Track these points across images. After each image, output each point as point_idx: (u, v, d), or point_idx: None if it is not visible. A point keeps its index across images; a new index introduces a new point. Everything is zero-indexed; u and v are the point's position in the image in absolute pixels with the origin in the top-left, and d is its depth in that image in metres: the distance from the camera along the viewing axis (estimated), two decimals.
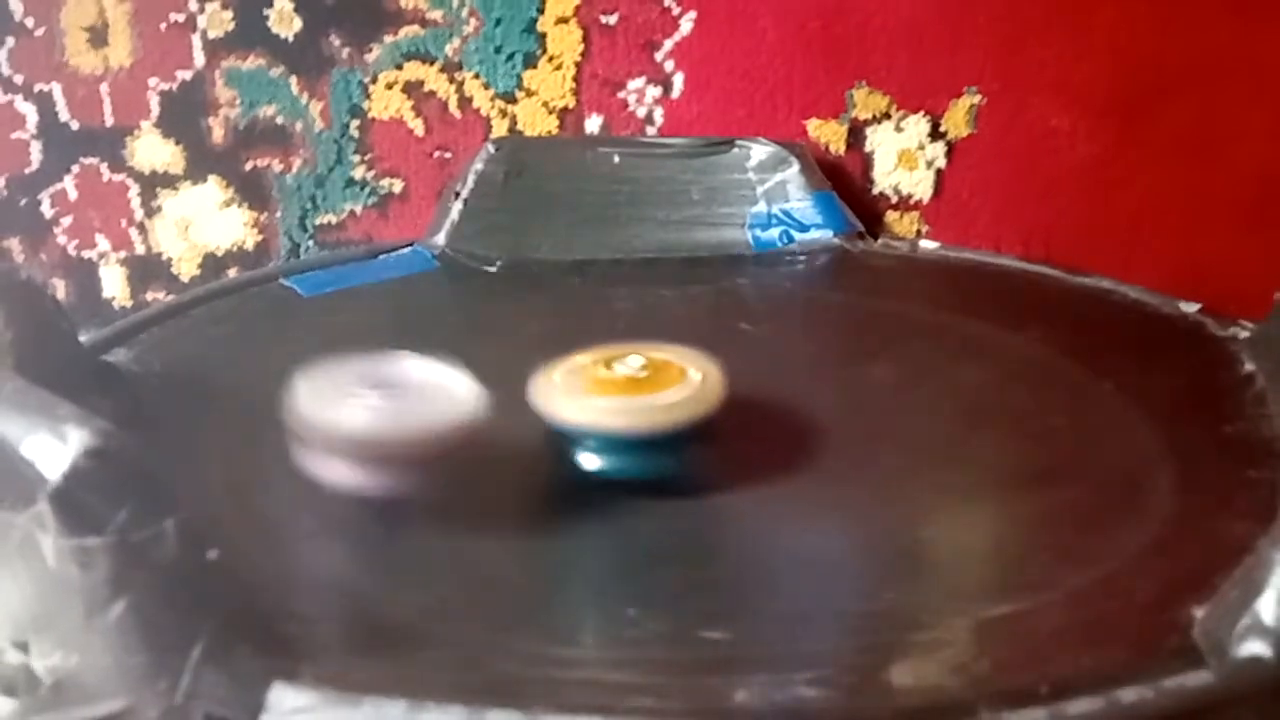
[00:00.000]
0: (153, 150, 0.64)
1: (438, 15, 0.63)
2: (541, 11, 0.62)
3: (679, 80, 0.63)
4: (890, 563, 0.39)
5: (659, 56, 0.63)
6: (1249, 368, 0.48)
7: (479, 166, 0.60)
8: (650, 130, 0.64)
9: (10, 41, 0.62)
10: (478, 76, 0.63)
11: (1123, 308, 0.55)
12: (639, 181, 0.61)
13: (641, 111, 0.64)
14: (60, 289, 0.65)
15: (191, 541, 0.30)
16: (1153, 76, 0.62)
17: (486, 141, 0.62)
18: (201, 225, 0.65)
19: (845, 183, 0.63)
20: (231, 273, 0.65)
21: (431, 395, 0.37)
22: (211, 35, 0.63)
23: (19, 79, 0.63)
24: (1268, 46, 0.62)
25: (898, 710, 0.31)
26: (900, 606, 0.36)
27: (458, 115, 0.64)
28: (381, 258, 0.59)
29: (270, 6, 0.62)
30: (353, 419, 0.35)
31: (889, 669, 0.33)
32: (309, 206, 0.65)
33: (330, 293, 0.56)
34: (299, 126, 0.64)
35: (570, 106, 0.64)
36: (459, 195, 0.60)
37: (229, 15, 0.62)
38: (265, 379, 0.48)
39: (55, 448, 0.29)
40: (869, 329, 0.55)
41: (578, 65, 0.63)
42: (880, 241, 0.62)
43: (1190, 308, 0.53)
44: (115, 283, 0.65)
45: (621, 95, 0.64)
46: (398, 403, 0.36)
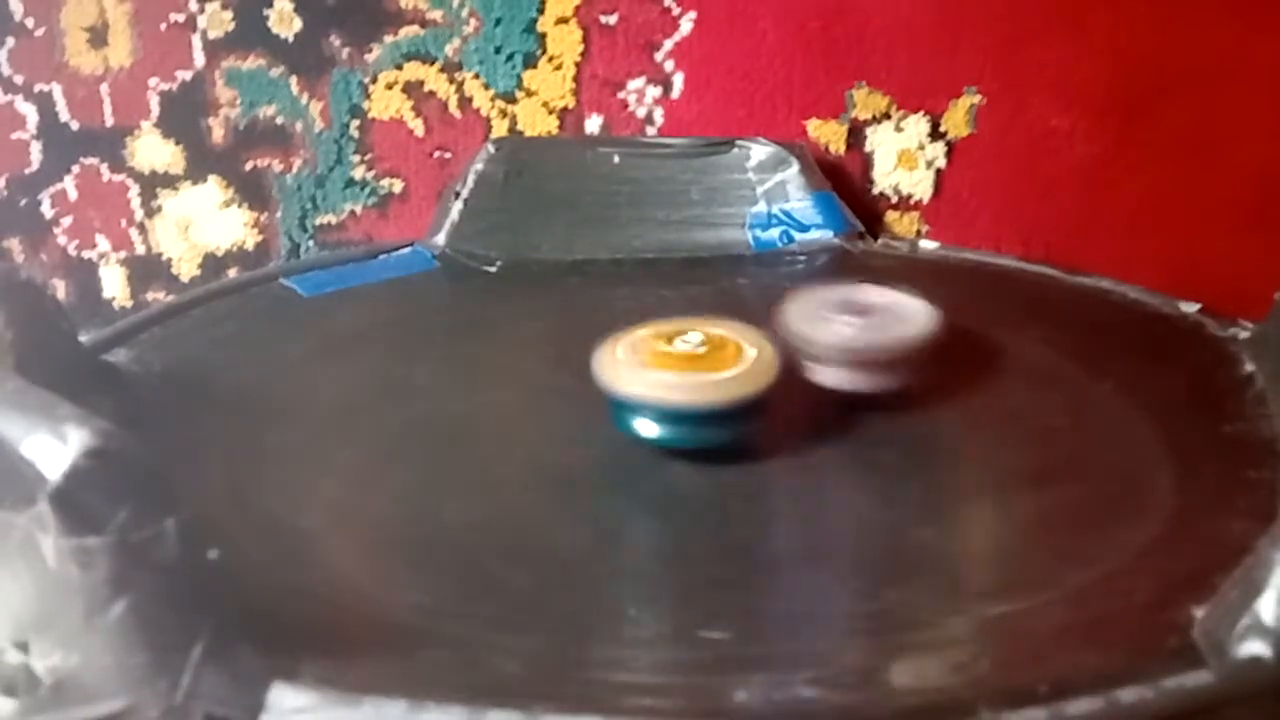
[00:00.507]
0: (153, 150, 0.64)
1: (438, 15, 0.63)
2: (541, 12, 0.62)
3: (679, 80, 0.63)
4: (890, 562, 0.39)
5: (659, 56, 0.63)
6: (1249, 368, 0.48)
7: (479, 166, 0.60)
8: (650, 130, 0.64)
9: (10, 42, 0.62)
10: (478, 77, 0.63)
11: (1122, 308, 0.55)
12: (639, 182, 0.61)
13: (641, 112, 0.64)
14: (60, 289, 0.65)
15: (192, 541, 0.30)
16: (1153, 76, 0.62)
17: (486, 141, 0.62)
18: (202, 225, 0.65)
19: (845, 183, 0.63)
20: (232, 273, 0.65)
21: (895, 315, 0.45)
22: (212, 35, 0.63)
23: (19, 79, 0.63)
24: (1268, 47, 0.62)
25: (898, 710, 0.31)
26: (900, 606, 0.36)
27: (458, 115, 0.64)
28: (381, 258, 0.59)
29: (270, 7, 0.62)
30: (840, 334, 0.44)
31: (889, 669, 0.33)
32: (309, 206, 0.65)
33: (330, 293, 0.56)
34: (299, 127, 0.64)
35: (570, 106, 0.64)
36: (459, 195, 0.60)
37: (229, 15, 0.62)
38: (265, 379, 0.49)
39: (55, 448, 0.29)
40: None
41: (578, 65, 0.63)
42: (880, 242, 0.62)
43: (1190, 308, 0.53)
44: (115, 283, 0.65)
45: (621, 95, 0.64)
46: (870, 320, 0.45)
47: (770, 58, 0.63)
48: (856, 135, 0.64)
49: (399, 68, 0.63)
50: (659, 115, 0.64)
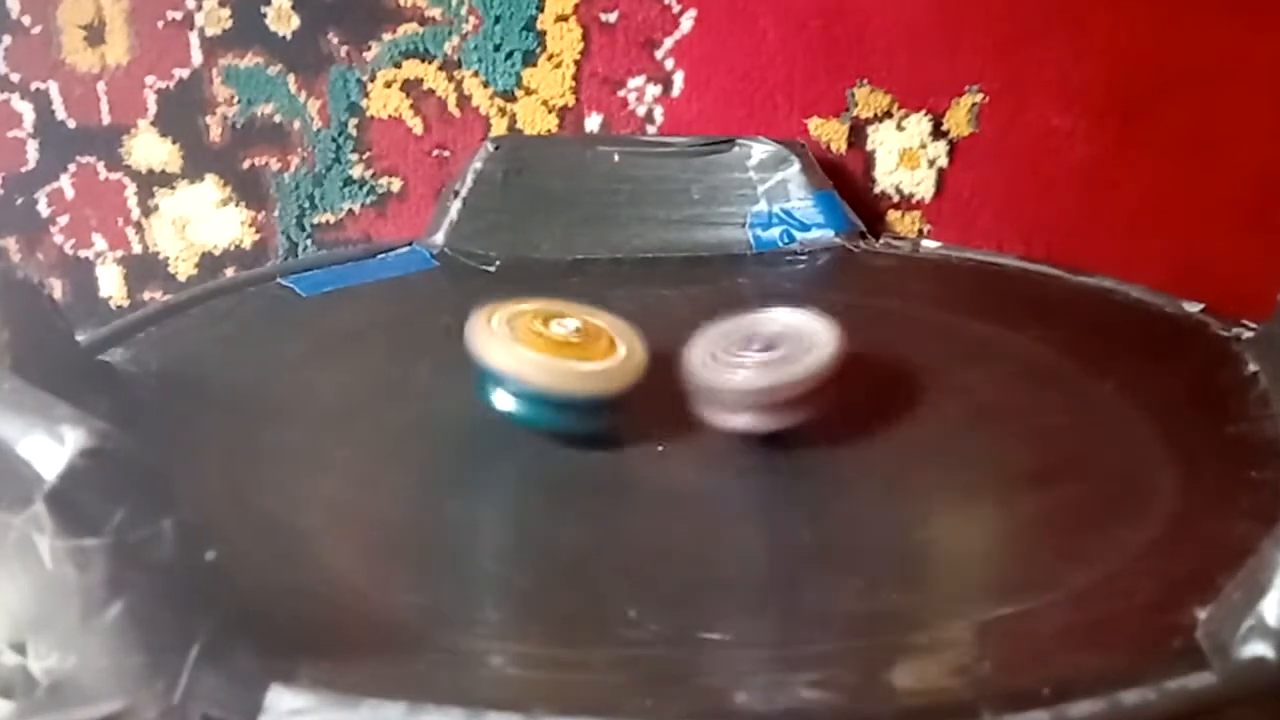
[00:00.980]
0: (150, 149, 0.64)
1: (437, 13, 0.63)
2: (541, 9, 0.62)
3: (679, 79, 0.63)
4: (891, 563, 0.39)
5: (659, 55, 0.63)
6: (1252, 368, 0.48)
7: (478, 165, 0.60)
8: (650, 129, 0.64)
9: (7, 39, 0.62)
10: (477, 75, 0.63)
11: (1124, 307, 0.55)
12: (639, 180, 0.61)
13: (641, 110, 0.64)
14: (57, 288, 0.65)
15: (189, 542, 0.30)
16: (1154, 76, 0.62)
17: (485, 140, 0.62)
18: (199, 224, 0.65)
19: (846, 182, 0.63)
20: (229, 272, 0.65)
21: (798, 344, 0.43)
22: (209, 33, 0.62)
23: (15, 77, 0.62)
24: (1268, 46, 0.62)
25: (899, 712, 0.31)
26: (901, 607, 0.36)
27: (457, 114, 0.64)
28: (380, 257, 0.59)
29: (268, 4, 0.62)
30: (742, 377, 0.42)
31: (890, 670, 0.33)
32: (307, 205, 0.64)
33: (328, 292, 0.56)
34: (297, 125, 0.64)
35: (570, 105, 0.63)
36: (458, 194, 0.60)
37: (227, 13, 0.62)
38: (263, 379, 0.48)
39: (52, 448, 0.29)
40: (870, 329, 0.54)
41: (577, 63, 0.63)
42: (881, 241, 0.62)
43: (1193, 307, 0.53)
44: (112, 282, 0.65)
45: (621, 94, 0.63)
46: (774, 356, 0.43)
47: (771, 56, 0.63)
48: (858, 134, 0.64)
49: (397, 66, 0.63)
50: (659, 114, 0.64)
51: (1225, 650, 0.31)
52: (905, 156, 0.64)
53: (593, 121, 0.64)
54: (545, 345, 0.42)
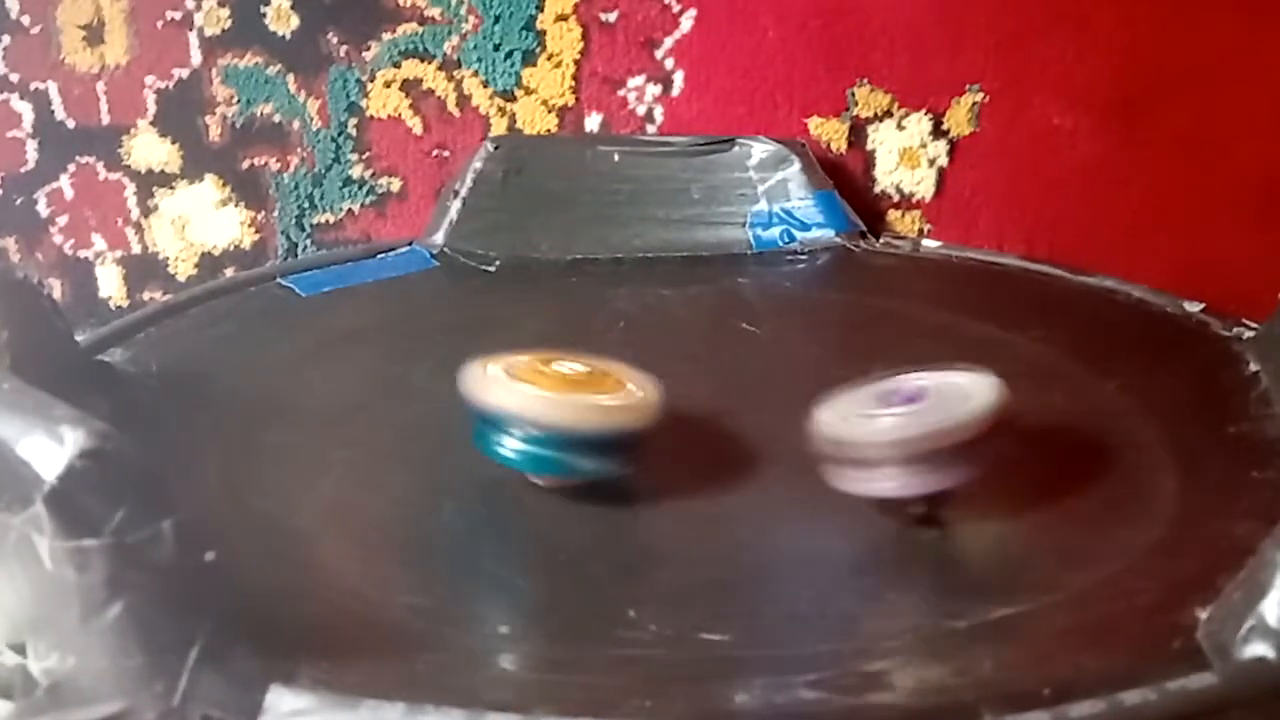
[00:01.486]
0: (149, 149, 0.63)
1: (436, 13, 0.62)
2: (541, 9, 0.62)
3: (679, 78, 0.63)
4: (891, 563, 0.38)
5: (659, 54, 0.63)
6: (1253, 368, 0.48)
7: (478, 165, 0.60)
8: (650, 129, 0.64)
9: (6, 39, 0.62)
10: (476, 74, 0.63)
11: (1126, 307, 0.55)
12: (639, 180, 0.61)
13: (641, 110, 0.64)
14: (56, 288, 0.65)
15: (189, 543, 0.29)
16: (1155, 75, 0.62)
17: (485, 140, 0.62)
18: (198, 224, 0.65)
19: (847, 181, 0.63)
20: (228, 272, 0.65)
21: (946, 394, 0.37)
22: (208, 33, 0.62)
23: (15, 77, 0.62)
24: (1270, 46, 0.62)
25: (899, 712, 0.31)
26: (902, 608, 0.36)
27: (456, 114, 0.63)
28: (380, 257, 0.59)
29: (267, 4, 0.62)
30: (885, 427, 0.36)
31: (890, 671, 0.33)
32: (306, 205, 0.64)
33: (328, 292, 0.56)
34: (296, 125, 0.63)
35: (570, 105, 0.63)
36: (458, 194, 0.60)
37: (226, 13, 0.62)
38: (262, 379, 0.48)
39: (51, 449, 0.29)
40: (871, 328, 0.54)
41: (577, 63, 0.63)
42: (882, 240, 0.62)
43: (1194, 307, 0.53)
44: (112, 282, 0.65)
45: (621, 93, 0.63)
46: (923, 406, 0.36)
47: (771, 55, 0.63)
48: (858, 133, 0.63)
49: (397, 65, 0.63)
50: (659, 113, 0.64)
51: (1226, 651, 0.30)
52: (906, 156, 0.64)
53: (593, 121, 0.64)
54: (553, 382, 0.38)
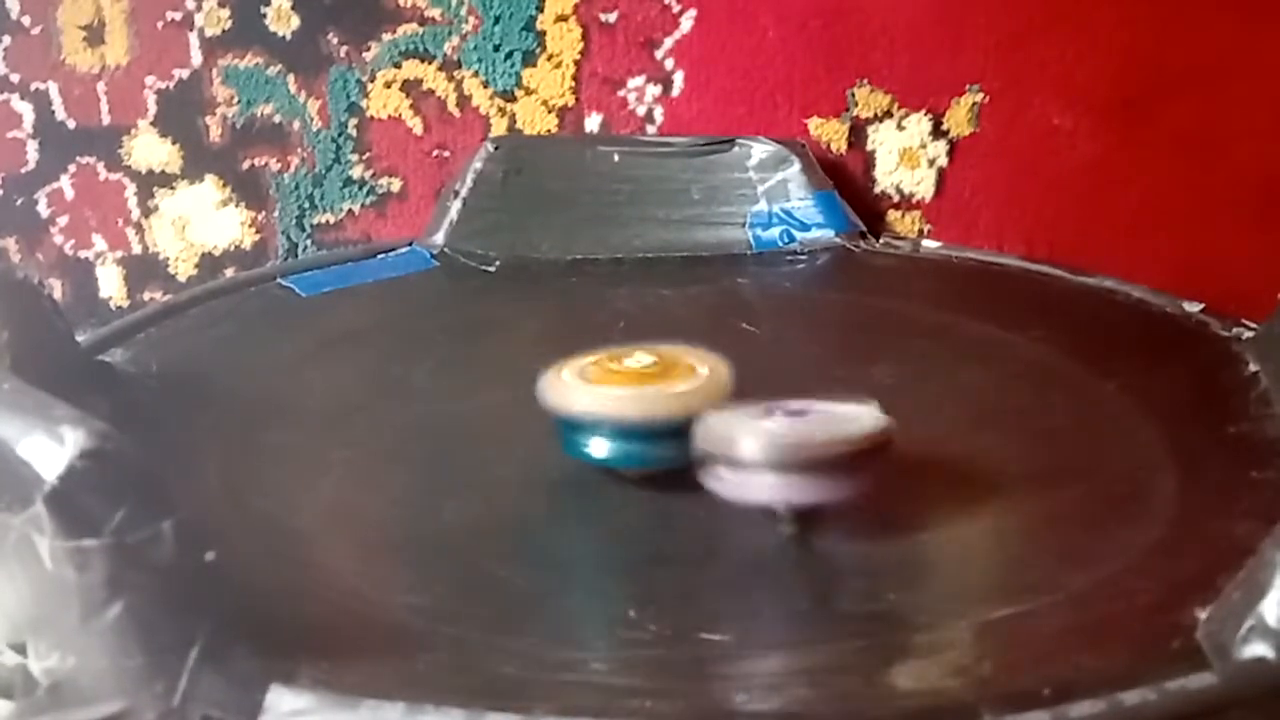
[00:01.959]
0: (150, 149, 0.64)
1: (436, 13, 0.62)
2: (541, 9, 0.62)
3: (679, 79, 0.63)
4: (891, 563, 0.38)
5: (659, 55, 0.63)
6: (1253, 368, 0.48)
7: (478, 165, 0.60)
8: (650, 129, 0.64)
9: (7, 40, 0.62)
10: (476, 75, 0.63)
11: (1126, 307, 0.55)
12: (639, 180, 0.61)
13: (641, 110, 0.64)
14: (57, 289, 0.65)
15: (189, 543, 0.29)
16: (1155, 75, 0.62)
17: (485, 140, 0.62)
18: (198, 225, 0.65)
19: (847, 182, 0.63)
20: (229, 272, 0.65)
21: (833, 414, 0.37)
22: (209, 33, 0.62)
23: (15, 77, 0.62)
24: (1270, 46, 0.62)
25: (899, 713, 0.31)
26: (901, 607, 0.36)
27: (456, 114, 0.64)
28: (380, 257, 0.59)
29: (268, 5, 0.62)
30: (773, 430, 0.36)
31: (890, 671, 0.33)
32: (307, 206, 0.64)
33: (328, 292, 0.56)
34: (296, 125, 0.64)
35: (570, 105, 0.63)
36: (458, 194, 0.60)
37: (226, 13, 0.62)
38: (263, 379, 0.48)
39: (52, 449, 0.29)
40: (870, 329, 0.54)
41: (577, 63, 0.63)
42: (882, 241, 0.62)
43: (1194, 308, 0.53)
44: (112, 282, 0.65)
45: (621, 94, 0.63)
46: (801, 421, 0.37)
47: (771, 56, 0.63)
48: (858, 134, 0.63)
49: (397, 66, 0.63)
50: (659, 114, 0.64)
51: (1226, 651, 0.30)
52: (905, 156, 0.64)
53: (593, 121, 0.64)
54: (626, 379, 0.40)
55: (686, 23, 0.63)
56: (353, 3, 0.62)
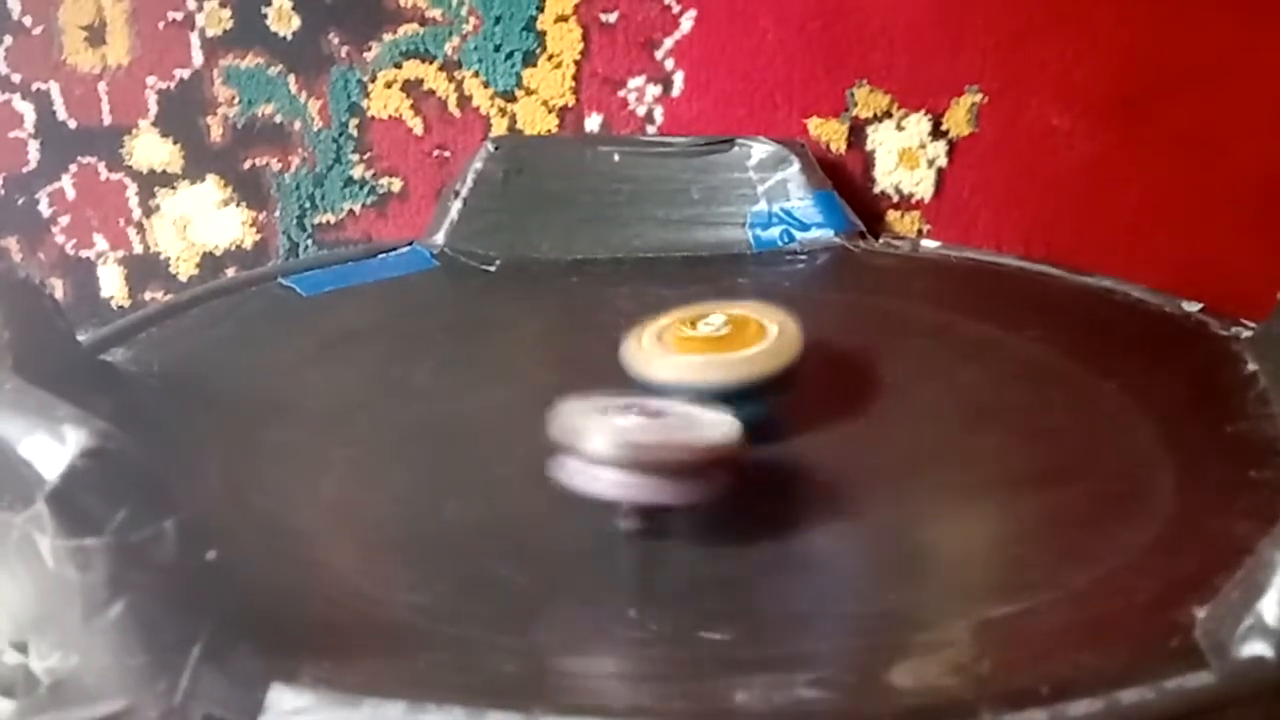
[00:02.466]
0: (151, 149, 0.64)
1: (437, 13, 0.63)
2: (541, 10, 0.62)
3: (679, 79, 0.63)
4: (891, 563, 0.39)
5: (659, 55, 0.63)
6: (1251, 367, 0.48)
7: (478, 165, 0.60)
8: (650, 129, 0.64)
9: (8, 40, 0.62)
10: (477, 75, 0.63)
11: (1124, 307, 0.55)
12: (639, 180, 0.61)
13: (641, 110, 0.64)
14: (58, 288, 0.65)
15: (190, 542, 0.30)
16: (1154, 75, 0.62)
17: (486, 140, 0.62)
18: (200, 224, 0.65)
19: (846, 182, 0.63)
20: (230, 272, 0.65)
21: (690, 419, 0.38)
22: (210, 33, 0.62)
23: (17, 77, 0.62)
24: (1269, 45, 0.62)
25: (898, 711, 0.31)
26: (901, 607, 0.36)
27: (457, 114, 0.64)
28: (380, 257, 0.59)
29: (269, 5, 0.62)
30: (622, 428, 0.37)
31: (890, 670, 0.33)
32: (308, 205, 0.65)
33: (329, 292, 0.56)
34: (297, 125, 0.64)
35: (570, 105, 0.64)
36: (458, 194, 0.60)
37: (227, 14, 0.62)
38: (264, 379, 0.49)
39: (53, 448, 0.29)
40: (869, 328, 0.54)
41: (577, 64, 0.63)
42: (881, 241, 0.62)
43: (1192, 307, 0.53)
44: (113, 282, 0.65)
45: (621, 94, 0.63)
46: (654, 421, 0.37)
47: (771, 56, 0.63)
48: (857, 134, 0.64)
49: (398, 66, 0.63)
50: (659, 114, 0.64)
51: (1224, 649, 0.30)
52: (905, 156, 0.64)
53: (593, 122, 0.64)
54: (700, 345, 0.42)
55: (686, 23, 0.63)
56: (354, 3, 0.62)
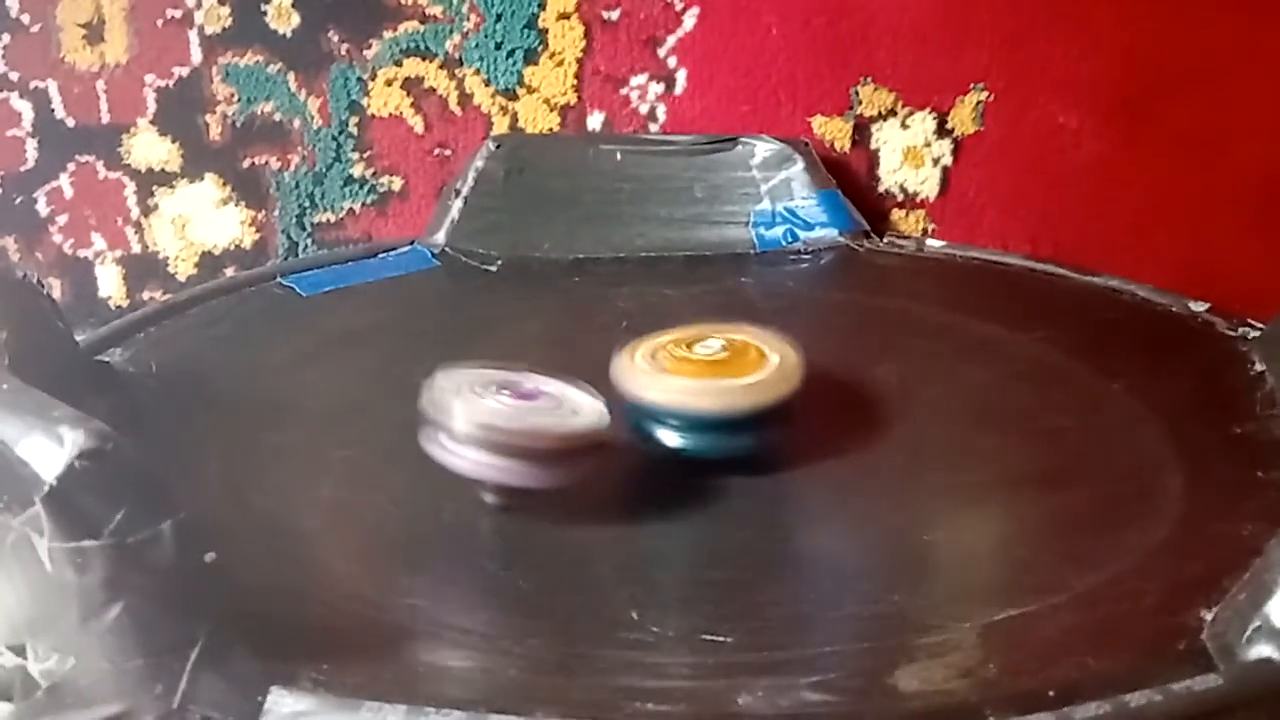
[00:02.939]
0: (149, 148, 0.63)
1: (438, 11, 0.62)
2: (543, 7, 0.62)
3: (682, 77, 0.63)
4: (896, 565, 0.38)
5: (662, 53, 0.63)
6: (1259, 368, 0.48)
7: (479, 164, 0.60)
8: (653, 127, 0.64)
9: (6, 38, 0.62)
10: (478, 73, 0.63)
11: (1131, 307, 0.55)
12: (641, 179, 0.61)
13: (644, 108, 0.63)
14: (56, 288, 0.65)
15: (188, 544, 0.29)
16: (1160, 74, 0.62)
17: (487, 139, 0.62)
18: (198, 224, 0.64)
19: (850, 180, 0.63)
20: (229, 272, 0.65)
21: (560, 403, 0.38)
22: (209, 31, 0.62)
23: (15, 76, 0.62)
24: (1274, 44, 0.61)
25: (904, 715, 0.31)
26: (906, 610, 0.36)
27: (458, 112, 0.63)
28: (381, 256, 0.59)
29: (268, 2, 0.62)
30: (489, 409, 0.37)
31: (895, 673, 0.33)
32: (307, 204, 0.64)
33: (329, 292, 0.56)
34: (297, 123, 0.63)
35: (572, 103, 0.63)
36: (459, 193, 0.60)
37: (226, 11, 0.62)
38: (263, 379, 0.48)
39: (51, 449, 0.28)
40: (874, 328, 0.54)
41: (579, 61, 0.63)
42: (886, 240, 0.62)
43: (1199, 307, 0.53)
44: (111, 282, 0.65)
45: (624, 92, 0.63)
46: (526, 405, 0.38)
47: (774, 54, 0.62)
48: (862, 132, 0.63)
49: (398, 64, 0.63)
50: (662, 112, 0.63)
51: (1231, 652, 0.30)
52: (909, 155, 0.63)
53: (595, 120, 0.64)
54: (696, 369, 0.40)
55: (689, 20, 0.62)
56: (354, 0, 0.62)
